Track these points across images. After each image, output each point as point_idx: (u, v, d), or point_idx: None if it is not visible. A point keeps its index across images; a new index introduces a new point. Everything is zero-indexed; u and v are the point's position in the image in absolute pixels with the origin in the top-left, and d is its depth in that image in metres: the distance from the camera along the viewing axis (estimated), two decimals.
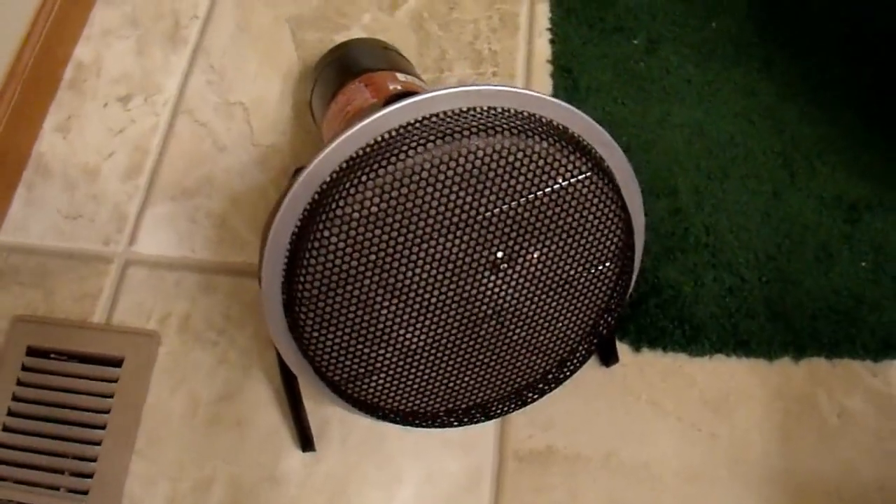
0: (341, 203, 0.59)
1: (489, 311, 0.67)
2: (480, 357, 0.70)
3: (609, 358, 0.89)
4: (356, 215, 0.59)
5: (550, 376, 0.76)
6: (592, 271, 0.69)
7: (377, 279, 0.62)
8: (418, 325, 0.66)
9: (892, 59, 1.08)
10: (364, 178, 0.58)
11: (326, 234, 0.60)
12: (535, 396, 0.77)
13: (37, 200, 1.03)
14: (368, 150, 0.59)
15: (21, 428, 0.90)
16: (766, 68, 1.08)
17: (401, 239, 0.60)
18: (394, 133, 0.59)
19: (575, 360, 0.75)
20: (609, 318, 0.74)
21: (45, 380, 0.92)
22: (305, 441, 0.86)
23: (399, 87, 0.82)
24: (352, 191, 0.58)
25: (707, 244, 0.95)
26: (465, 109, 0.60)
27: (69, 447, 0.89)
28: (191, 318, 0.95)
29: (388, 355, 0.67)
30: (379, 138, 0.59)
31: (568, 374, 0.76)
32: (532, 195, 0.61)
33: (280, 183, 1.00)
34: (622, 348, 0.91)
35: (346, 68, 0.90)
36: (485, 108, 0.60)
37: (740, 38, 1.10)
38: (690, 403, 0.88)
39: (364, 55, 0.93)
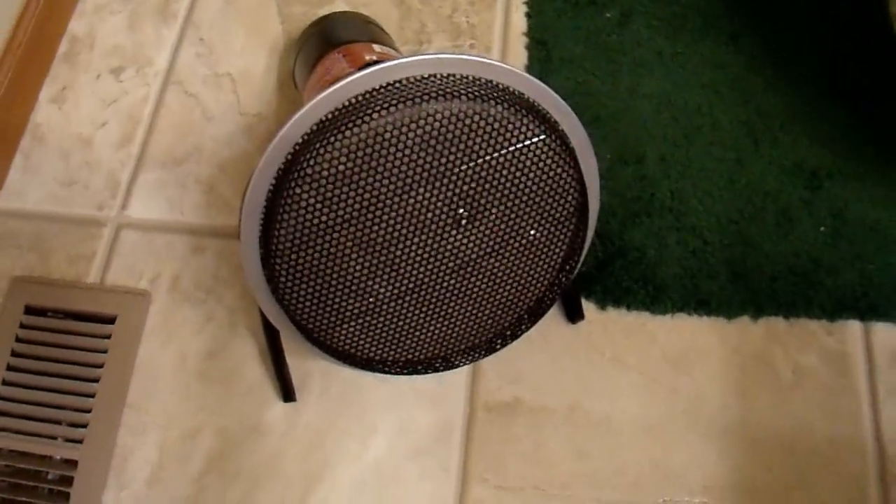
0: (311, 163, 0.63)
1: (453, 266, 0.72)
2: (446, 308, 0.75)
3: (575, 315, 0.93)
4: (325, 174, 0.63)
5: (511, 328, 0.80)
6: (549, 229, 0.73)
7: (346, 233, 0.67)
8: (386, 278, 0.71)
9: (855, 32, 1.12)
10: (332, 140, 0.63)
11: (298, 191, 0.64)
12: (498, 346, 0.81)
13: (33, 168, 1.07)
14: (337, 113, 0.64)
15: (20, 382, 0.95)
16: (733, 41, 1.11)
17: (367, 196, 0.65)
18: (360, 98, 0.64)
19: (534, 314, 0.80)
20: (566, 275, 0.78)
21: (43, 336, 0.97)
22: (287, 393, 0.91)
23: (374, 58, 0.86)
24: (321, 151, 0.63)
25: (672, 208, 0.99)
26: (426, 76, 0.64)
27: (65, 399, 0.94)
28: (180, 278, 0.99)
29: (358, 305, 0.72)
30: (346, 103, 0.64)
31: (527, 326, 0.81)
32: (489, 156, 0.66)
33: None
34: (588, 307, 0.95)
35: (327, 40, 0.94)
36: (444, 75, 0.65)
37: (709, 12, 1.14)
38: (652, 359, 0.93)
39: (344, 28, 0.97)
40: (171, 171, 1.05)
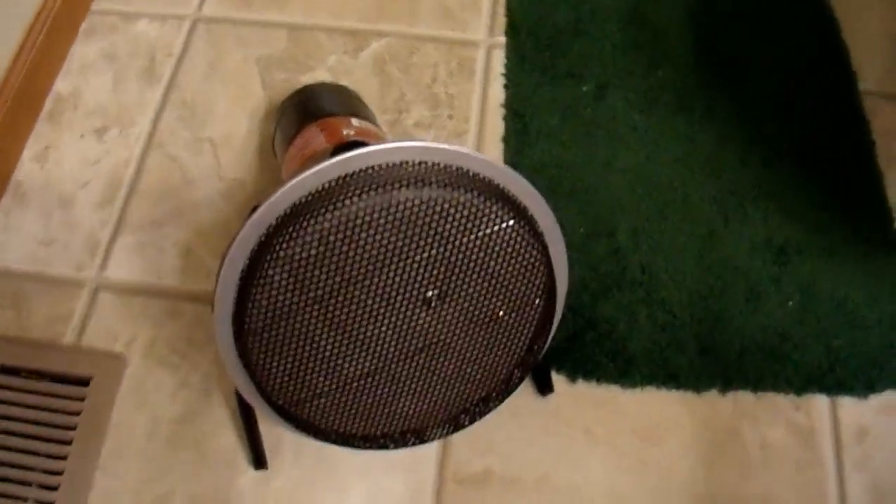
0: (284, 245, 0.65)
1: (422, 344, 0.73)
2: (415, 385, 0.76)
3: (545, 388, 0.94)
4: (298, 257, 0.65)
5: (480, 404, 0.82)
6: (518, 310, 0.75)
7: (317, 313, 0.68)
8: (356, 356, 0.72)
9: (827, 110, 1.15)
10: (305, 224, 0.64)
11: (271, 272, 0.65)
12: (468, 422, 0.82)
13: (14, 226, 1.08)
14: (310, 197, 0.65)
15: None
16: (707, 116, 1.14)
17: (338, 278, 0.66)
18: (333, 183, 0.65)
19: (503, 391, 0.81)
20: (534, 355, 0.79)
21: (16, 397, 0.97)
22: (259, 460, 0.91)
23: (352, 133, 0.88)
24: (294, 235, 0.64)
25: (642, 283, 1.01)
26: (398, 163, 0.66)
27: (37, 461, 0.93)
28: (156, 342, 1.00)
29: (329, 382, 0.73)
30: (320, 187, 0.65)
31: (496, 403, 0.82)
32: (459, 241, 0.67)
33: (243, 215, 1.06)
34: (559, 379, 0.96)
35: (306, 111, 0.96)
36: (416, 162, 0.66)
37: (684, 87, 1.17)
38: (621, 432, 0.94)
39: (323, 99, 0.99)
40: (151, 234, 1.06)
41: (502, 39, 1.22)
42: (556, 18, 1.23)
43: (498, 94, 1.16)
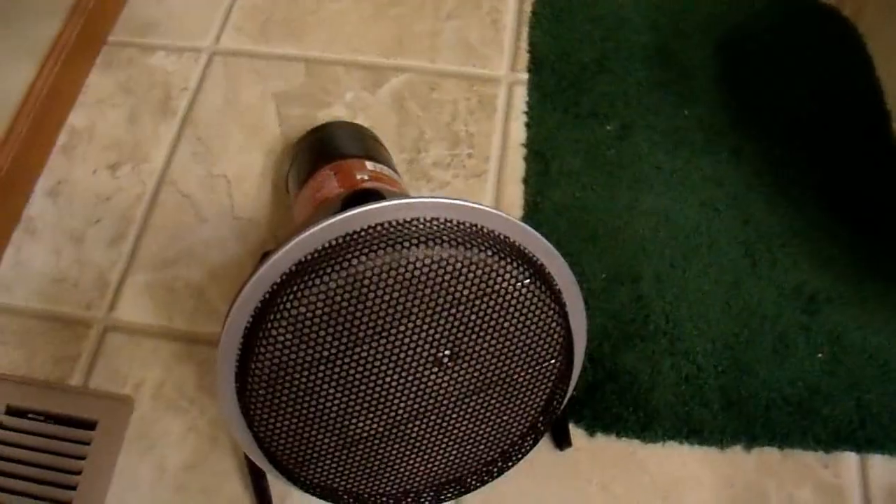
0: (288, 304, 0.62)
1: (433, 404, 0.70)
2: (425, 446, 0.73)
3: (562, 442, 0.91)
4: (302, 316, 0.62)
5: (493, 466, 0.79)
6: (533, 370, 0.72)
7: (323, 373, 0.65)
8: (363, 416, 0.69)
9: (860, 153, 1.11)
10: (310, 282, 0.62)
11: (275, 331, 0.63)
12: (477, 484, 0.80)
13: (24, 262, 1.07)
14: (316, 255, 0.63)
15: None
16: (734, 157, 1.11)
17: (345, 339, 0.63)
18: (340, 240, 0.63)
19: (516, 452, 0.78)
20: (549, 416, 0.76)
21: (21, 439, 0.95)
22: None
23: (366, 178, 0.85)
24: (299, 293, 0.62)
25: (666, 332, 0.97)
26: (408, 220, 0.63)
27: None
28: (164, 385, 0.98)
29: (335, 442, 0.70)
30: (327, 244, 0.63)
31: (510, 465, 0.79)
32: (472, 302, 0.65)
33: (256, 257, 1.04)
34: (577, 432, 0.93)
35: (321, 152, 0.94)
36: (428, 219, 0.64)
37: (711, 127, 1.14)
38: (641, 489, 0.91)
39: (338, 140, 0.97)
40: (162, 274, 1.05)
41: (524, 76, 1.19)
42: (579, 55, 1.20)
43: (519, 132, 1.14)
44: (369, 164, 0.89)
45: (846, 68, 1.19)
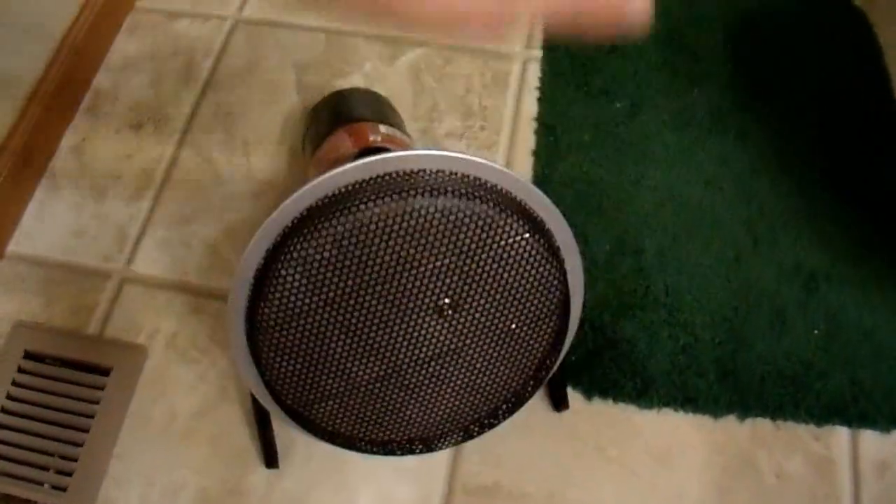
0: (299, 247, 0.65)
1: (434, 352, 0.73)
2: (425, 393, 0.76)
3: (560, 404, 0.94)
4: (311, 258, 0.65)
5: (490, 416, 0.81)
6: (531, 324, 0.74)
7: (329, 316, 0.68)
8: (367, 360, 0.72)
9: (865, 137, 1.13)
10: (320, 226, 0.64)
11: (284, 273, 0.66)
12: (476, 432, 0.82)
13: (47, 215, 1.10)
14: (327, 200, 0.65)
15: (12, 425, 0.96)
16: (741, 139, 1.13)
17: (351, 282, 0.66)
18: (350, 188, 0.65)
19: (513, 404, 0.81)
20: (545, 370, 0.79)
21: (39, 382, 0.99)
22: (270, 459, 0.92)
23: (378, 139, 0.88)
24: (308, 237, 0.65)
25: (665, 303, 1.00)
26: (415, 171, 0.66)
27: (55, 446, 0.95)
28: (177, 336, 1.01)
29: (339, 385, 0.73)
30: (337, 191, 0.66)
31: (506, 416, 0.82)
32: (473, 252, 0.67)
33: None
34: (575, 396, 0.96)
35: (337, 115, 0.97)
36: (433, 171, 0.66)
37: (719, 108, 1.16)
38: (634, 452, 0.93)
39: (354, 105, 1.00)
40: (179, 230, 1.08)
41: (538, 53, 1.22)
42: None
43: (531, 107, 1.16)
44: (383, 128, 0.92)
45: (855, 57, 1.21)
